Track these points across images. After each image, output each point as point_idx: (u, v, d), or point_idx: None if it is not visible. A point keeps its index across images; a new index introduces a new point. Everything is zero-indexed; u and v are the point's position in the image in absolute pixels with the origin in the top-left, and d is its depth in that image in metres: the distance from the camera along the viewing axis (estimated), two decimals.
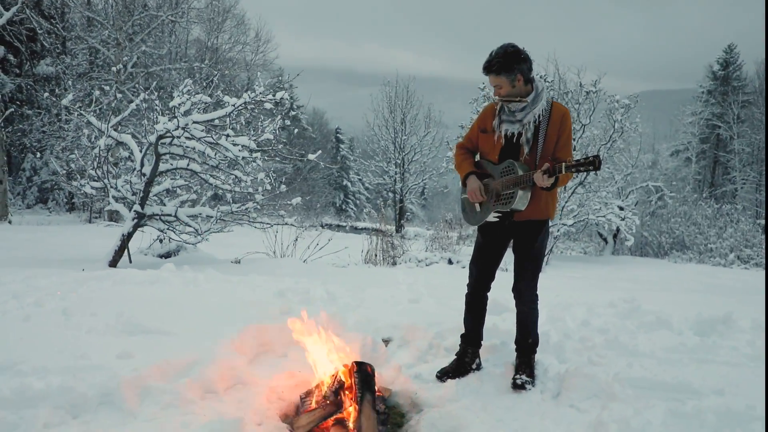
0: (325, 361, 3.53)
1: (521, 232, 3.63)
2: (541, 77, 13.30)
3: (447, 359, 3.95)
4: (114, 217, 19.54)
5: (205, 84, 10.09)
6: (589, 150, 15.00)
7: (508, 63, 3.41)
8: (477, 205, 3.74)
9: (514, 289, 3.70)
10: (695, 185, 38.65)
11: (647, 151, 35.38)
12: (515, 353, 3.81)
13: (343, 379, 3.38)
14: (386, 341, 4.26)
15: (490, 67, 3.44)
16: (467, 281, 3.89)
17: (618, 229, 19.27)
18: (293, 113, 47.90)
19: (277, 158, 9.92)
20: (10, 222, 18.32)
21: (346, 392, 3.33)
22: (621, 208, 21.21)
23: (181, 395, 3.10)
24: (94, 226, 18.99)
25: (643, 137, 28.66)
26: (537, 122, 3.48)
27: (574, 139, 14.62)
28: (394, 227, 26.20)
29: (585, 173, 3.28)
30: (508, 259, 4.04)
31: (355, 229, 31.28)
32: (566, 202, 14.30)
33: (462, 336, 3.93)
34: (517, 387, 3.55)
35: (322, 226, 30.41)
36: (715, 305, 5.51)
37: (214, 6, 29.14)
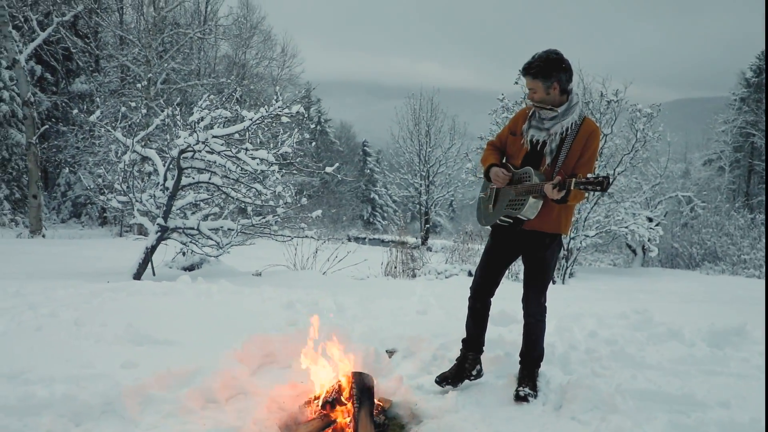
0: (326, 372, 3.57)
1: (530, 242, 3.60)
2: None
3: None
4: (143, 230, 19.94)
5: (224, 99, 10.25)
6: (611, 161, 14.83)
7: (547, 68, 3.38)
8: (490, 206, 3.75)
9: (522, 300, 3.70)
10: (728, 195, 37.74)
11: (679, 161, 34.79)
12: (519, 365, 3.79)
13: (342, 389, 3.41)
14: (390, 352, 4.28)
15: (529, 69, 3.42)
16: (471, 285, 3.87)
17: (648, 240, 18.97)
18: (320, 127, 48.40)
19: (294, 171, 9.99)
20: (43, 236, 18.83)
21: (345, 403, 3.36)
22: (650, 219, 20.90)
23: (182, 404, 3.16)
24: (124, 240, 19.39)
25: (675, 146, 28.22)
26: (564, 134, 3.45)
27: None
28: (420, 239, 26.22)
29: (597, 192, 3.24)
30: (521, 268, 4.02)
31: (382, 242, 31.36)
32: (589, 213, 14.13)
33: (463, 340, 3.90)
34: (520, 399, 3.53)
35: (348, 239, 30.58)
36: (730, 316, 5.40)
37: (241, 23, 29.69)
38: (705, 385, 3.69)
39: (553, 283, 13.44)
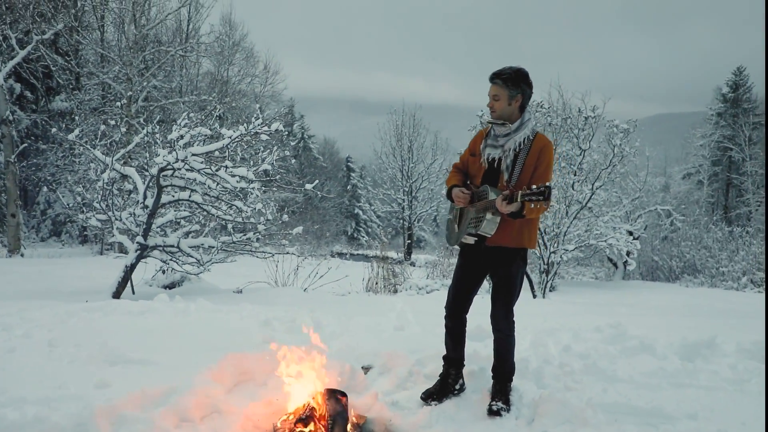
0: (300, 390, 3.59)
1: (495, 258, 3.68)
2: (540, 105, 13.45)
3: (426, 386, 3.97)
4: (124, 249, 19.78)
5: (204, 116, 10.28)
6: (590, 176, 15.03)
7: (517, 79, 3.54)
8: (455, 226, 3.84)
9: (491, 316, 3.75)
10: (708, 208, 38.29)
11: (659, 175, 35.27)
12: (492, 380, 3.84)
13: (316, 406, 3.43)
14: (366, 368, 4.31)
15: (500, 75, 3.54)
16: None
17: (628, 254, 19.19)
18: (304, 143, 48.45)
19: (275, 188, 10.02)
20: (22, 255, 18.61)
21: (319, 420, 3.39)
22: (630, 233, 21.13)
23: (156, 424, 3.16)
24: (105, 258, 19.21)
25: (654, 160, 28.58)
26: (517, 150, 3.57)
27: (573, 165, 14.67)
28: (403, 255, 26.25)
29: (541, 201, 3.30)
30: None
31: (366, 257, 31.35)
32: (569, 227, 14.29)
33: (444, 357, 3.98)
34: (492, 413, 3.58)
35: (332, 255, 30.52)
36: (702, 329, 5.50)
37: (223, 40, 29.76)
38: (674, 398, 3.76)
39: (534, 297, 13.54)
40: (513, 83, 3.54)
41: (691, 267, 23.38)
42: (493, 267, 3.72)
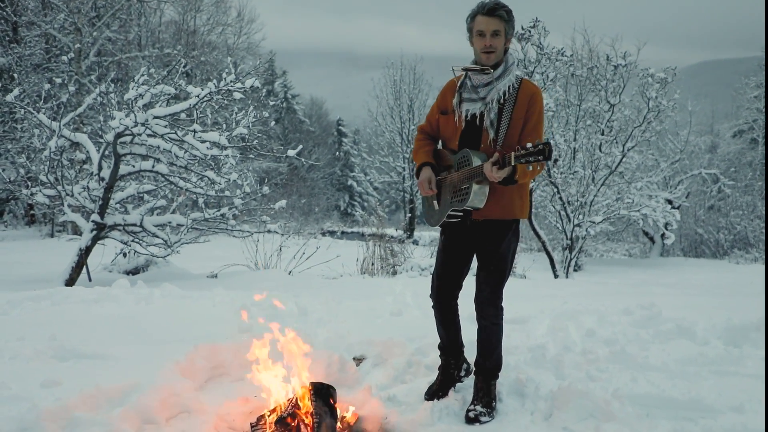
0: (282, 384, 3.63)
1: (483, 233, 3.59)
2: (561, 53, 13.37)
3: (427, 378, 4.02)
4: (79, 230, 19.82)
5: (167, 72, 10.22)
6: (620, 136, 14.98)
7: (511, 16, 3.42)
8: (435, 203, 3.75)
9: (475, 300, 3.69)
10: (762, 171, 38.23)
11: (704, 133, 35.08)
12: (474, 376, 3.79)
13: (300, 403, 3.47)
14: (359, 360, 4.35)
15: (497, 8, 3.37)
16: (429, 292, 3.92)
17: (666, 225, 19.22)
18: (287, 104, 48.24)
19: (251, 156, 10.01)
20: None
21: (303, 418, 3.42)
22: (669, 202, 21.16)
23: (114, 427, 3.18)
24: (56, 241, 19.29)
25: (699, 116, 28.45)
26: (502, 101, 3.44)
27: (601, 123, 14.62)
28: (404, 231, 26.33)
29: (540, 161, 3.21)
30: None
31: (362, 236, 31.37)
32: (595, 195, 14.30)
33: (439, 347, 3.98)
34: (470, 420, 3.51)
35: (322, 233, 30.58)
36: (751, 310, 5.53)
37: None
38: (716, 388, 3.78)
39: (555, 277, 13.61)
40: (509, 20, 3.41)
41: (743, 240, 23.45)
42: (481, 244, 3.63)
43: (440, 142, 3.83)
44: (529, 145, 3.07)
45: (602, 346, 4.39)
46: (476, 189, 3.36)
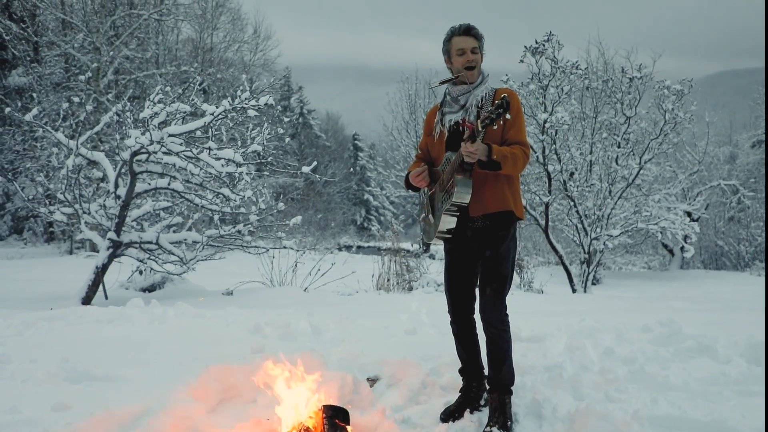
0: (295, 406, 3.57)
1: (482, 239, 3.66)
2: (575, 66, 13.33)
3: (443, 399, 3.95)
4: (97, 247, 19.93)
5: (183, 90, 10.28)
6: (637, 148, 14.89)
7: (482, 36, 3.75)
8: (430, 217, 3.85)
9: (479, 309, 3.73)
10: None
11: (723, 144, 34.74)
12: (486, 393, 3.79)
13: (313, 427, 3.42)
14: (373, 380, 4.29)
15: (471, 28, 3.71)
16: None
17: (685, 238, 19.02)
18: (303, 119, 48.47)
19: (266, 173, 10.02)
20: None
21: None
22: (688, 214, 20.94)
23: None
24: (74, 258, 19.43)
25: (717, 127, 28.18)
26: (480, 105, 3.64)
27: (617, 135, 14.51)
28: (421, 246, 26.22)
29: (501, 113, 3.38)
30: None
31: (379, 250, 31.29)
32: (613, 208, 14.18)
33: (460, 371, 3.96)
34: None
35: (338, 248, 30.57)
36: None
37: (204, 2, 29.71)
38: (739, 409, 3.69)
39: (573, 291, 13.47)
40: (483, 39, 3.74)
41: (764, 252, 23.13)
42: (480, 249, 3.69)
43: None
44: (488, 107, 3.30)
45: (621, 365, 4.31)
46: (459, 180, 3.50)
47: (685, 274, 20.44)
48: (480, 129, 3.30)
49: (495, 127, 3.35)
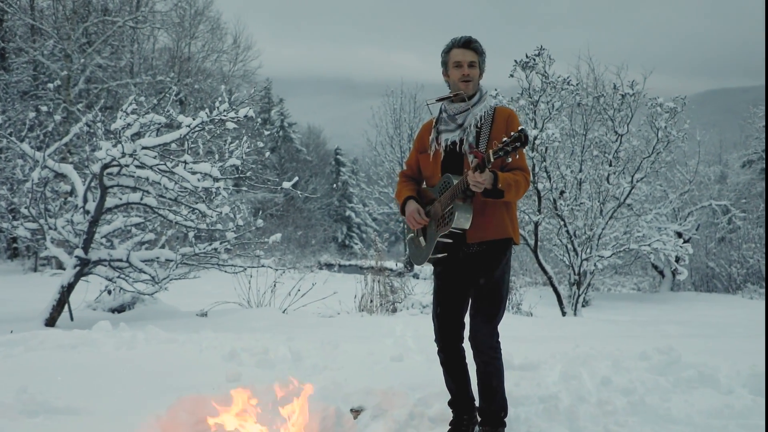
0: None
1: (475, 264, 3.60)
2: (566, 81, 13.35)
3: None
4: (64, 264, 19.62)
5: (158, 101, 10.16)
6: (628, 167, 14.93)
7: (483, 50, 3.72)
8: (421, 239, 3.76)
9: (470, 337, 3.66)
10: None
11: (713, 163, 35.11)
12: (479, 426, 3.73)
13: None
14: (356, 411, 4.16)
15: (471, 41, 3.66)
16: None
17: (677, 260, 19.10)
18: (284, 132, 48.41)
19: (245, 188, 9.89)
20: None
21: None
22: (679, 234, 21.05)
23: None
24: (39, 276, 19.04)
25: (707, 146, 28.48)
26: (479, 125, 3.59)
27: (608, 153, 14.54)
28: (405, 264, 26.13)
29: (517, 147, 3.29)
30: None
31: (361, 269, 31.12)
32: (603, 228, 14.19)
33: (449, 403, 3.88)
34: None
35: (319, 267, 30.39)
36: None
37: (183, 8, 29.63)
38: None
39: (563, 314, 13.41)
40: (484, 53, 3.72)
41: (756, 274, 23.32)
42: (473, 273, 3.62)
43: (423, 184, 3.93)
44: (504, 138, 3.18)
45: (619, 396, 4.23)
46: (460, 206, 3.41)
47: (676, 296, 20.53)
48: (491, 160, 3.21)
49: (509, 160, 3.24)
